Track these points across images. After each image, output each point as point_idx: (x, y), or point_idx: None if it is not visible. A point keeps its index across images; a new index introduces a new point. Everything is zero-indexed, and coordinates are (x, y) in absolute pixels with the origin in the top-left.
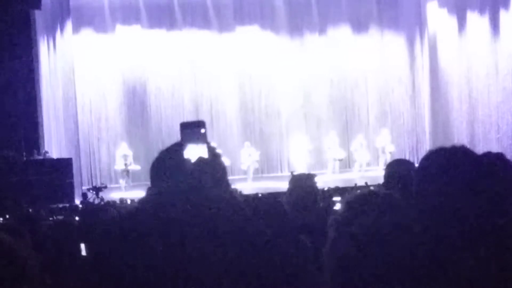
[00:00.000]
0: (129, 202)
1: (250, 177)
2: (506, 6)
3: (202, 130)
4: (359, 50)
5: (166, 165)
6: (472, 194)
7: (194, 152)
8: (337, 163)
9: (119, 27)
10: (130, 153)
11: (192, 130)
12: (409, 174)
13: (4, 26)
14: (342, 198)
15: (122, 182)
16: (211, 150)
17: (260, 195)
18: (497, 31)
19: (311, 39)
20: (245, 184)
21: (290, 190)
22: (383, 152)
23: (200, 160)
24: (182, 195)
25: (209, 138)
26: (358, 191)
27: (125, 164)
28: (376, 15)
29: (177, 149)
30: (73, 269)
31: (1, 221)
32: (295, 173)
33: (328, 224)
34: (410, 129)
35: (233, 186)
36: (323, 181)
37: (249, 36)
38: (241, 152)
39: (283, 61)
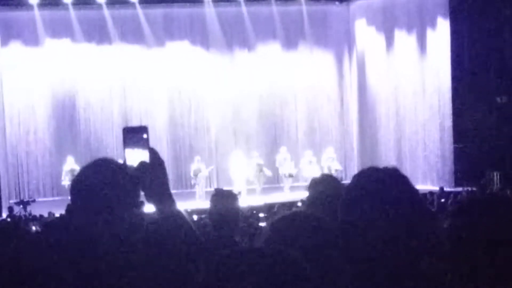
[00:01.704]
0: (57, 215)
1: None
2: (433, 25)
3: (145, 135)
4: (289, 67)
5: (85, 183)
6: (398, 217)
7: (136, 157)
8: (289, 179)
9: (48, 40)
10: (77, 167)
11: (135, 135)
12: (336, 192)
13: None
14: (268, 216)
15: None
16: (154, 155)
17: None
18: (424, 50)
19: (241, 55)
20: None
21: (212, 207)
22: (329, 170)
23: (142, 164)
24: (95, 216)
25: None
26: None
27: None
28: (306, 32)
29: (101, 165)
30: None
31: None
32: (217, 190)
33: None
34: (338, 145)
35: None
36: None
37: (179, 51)
38: (191, 167)
39: (213, 77)
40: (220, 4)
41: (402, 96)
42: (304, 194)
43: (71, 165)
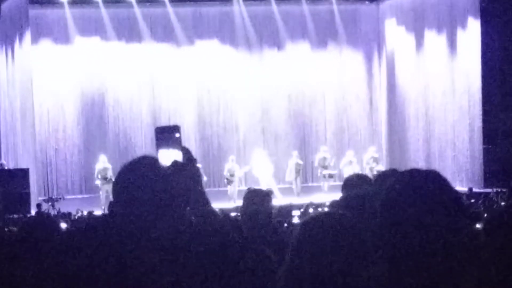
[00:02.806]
0: (85, 213)
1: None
2: (463, 25)
3: (177, 135)
4: (318, 66)
5: (130, 180)
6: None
7: (168, 156)
8: (330, 180)
9: (78, 38)
10: (109, 166)
11: (167, 134)
12: (368, 193)
13: None
14: (301, 216)
15: (102, 196)
16: (187, 154)
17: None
18: (454, 50)
19: (270, 54)
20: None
21: (244, 206)
22: (371, 170)
23: (175, 163)
24: (143, 215)
25: None
26: (312, 210)
27: (105, 178)
28: (335, 32)
29: (144, 162)
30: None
31: None
32: (251, 189)
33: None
34: (367, 145)
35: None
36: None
37: (209, 50)
38: (225, 166)
39: (242, 76)
40: (250, 3)
41: (431, 96)
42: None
43: (103, 164)
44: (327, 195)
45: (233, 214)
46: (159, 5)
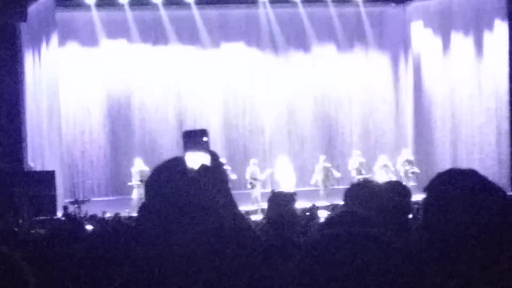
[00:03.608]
0: (110, 215)
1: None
2: (490, 27)
3: (205, 138)
4: (344, 69)
5: (164, 181)
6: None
7: (196, 160)
8: None
9: (104, 41)
10: (146, 168)
11: (195, 138)
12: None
13: None
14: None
15: (135, 199)
16: (215, 158)
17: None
18: (481, 52)
19: (296, 57)
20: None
21: (269, 208)
22: (406, 174)
23: (203, 167)
24: (178, 216)
25: None
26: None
27: (141, 181)
28: (361, 34)
29: (176, 164)
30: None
31: None
32: (275, 191)
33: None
34: (393, 148)
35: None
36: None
37: (234, 53)
38: (247, 170)
39: (268, 78)
40: (276, 5)
41: (458, 99)
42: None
43: (140, 167)
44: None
45: (256, 217)
46: (185, 8)
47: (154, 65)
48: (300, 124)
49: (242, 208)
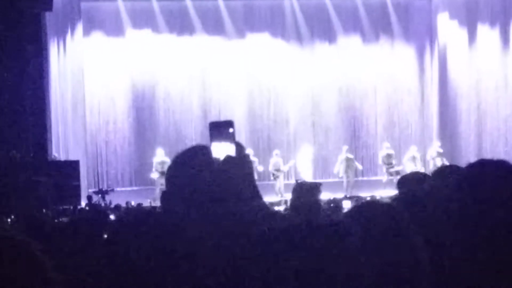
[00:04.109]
0: (134, 205)
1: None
2: None
3: (231, 130)
4: (369, 60)
5: (186, 169)
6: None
7: (222, 150)
8: (395, 176)
9: (130, 31)
10: (167, 159)
11: (221, 129)
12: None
13: (15, 28)
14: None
15: (157, 189)
16: (240, 148)
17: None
18: (507, 44)
19: (321, 48)
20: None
21: (294, 199)
22: (435, 166)
23: (228, 157)
24: (200, 205)
25: None
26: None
27: (162, 172)
28: (387, 25)
29: (199, 152)
30: (82, 270)
31: (9, 222)
32: (299, 182)
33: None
34: (418, 140)
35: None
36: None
37: (259, 43)
38: (270, 161)
39: (293, 69)
40: None
41: (483, 90)
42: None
43: (161, 157)
44: (382, 191)
45: (279, 208)
46: None
47: (179, 55)
48: (325, 115)
49: (266, 199)
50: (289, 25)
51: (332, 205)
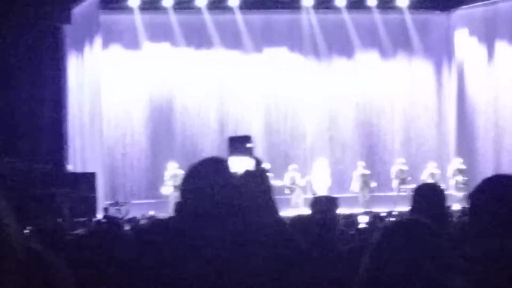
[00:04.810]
0: (148, 216)
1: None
2: None
3: (249, 144)
4: (387, 75)
5: (201, 181)
6: None
7: (240, 164)
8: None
9: (147, 44)
10: (180, 172)
11: (240, 143)
12: (440, 201)
13: (34, 40)
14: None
15: (171, 203)
16: (258, 163)
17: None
18: None
19: (339, 63)
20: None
21: (311, 213)
22: (457, 184)
23: (247, 172)
24: (213, 214)
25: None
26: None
27: (175, 186)
28: (405, 41)
29: (215, 163)
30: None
31: (25, 233)
32: (316, 196)
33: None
34: (435, 156)
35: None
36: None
37: (277, 58)
38: (286, 176)
39: (310, 84)
40: (320, 11)
41: (502, 107)
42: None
43: (173, 171)
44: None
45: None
46: (229, 12)
47: (197, 69)
48: (342, 130)
49: (283, 213)
50: (306, 40)
51: (347, 219)
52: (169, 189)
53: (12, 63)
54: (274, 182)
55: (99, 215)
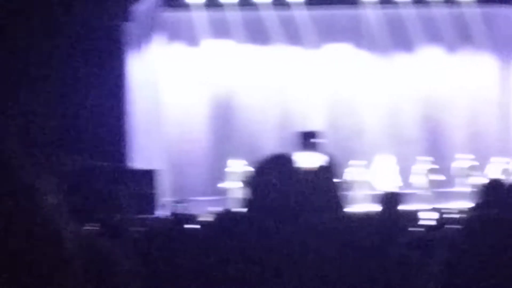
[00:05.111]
0: (211, 215)
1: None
2: None
3: (317, 140)
4: (450, 70)
5: (271, 177)
6: None
7: (309, 160)
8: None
9: (208, 41)
10: (244, 169)
11: (310, 139)
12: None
13: (95, 38)
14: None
15: (232, 199)
16: (331, 159)
17: None
18: None
19: (401, 58)
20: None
21: (378, 208)
22: None
23: (320, 167)
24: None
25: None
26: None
27: (238, 183)
28: (469, 35)
29: (283, 159)
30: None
31: (86, 229)
32: (381, 193)
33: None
34: (500, 151)
35: None
36: None
37: (338, 54)
38: (347, 171)
39: (372, 80)
40: (382, 6)
41: None
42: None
43: (236, 167)
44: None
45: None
46: (289, 8)
47: (258, 65)
48: (404, 126)
49: (350, 209)
50: (368, 35)
51: (411, 215)
52: (233, 186)
53: (75, 61)
54: (344, 177)
55: (160, 212)
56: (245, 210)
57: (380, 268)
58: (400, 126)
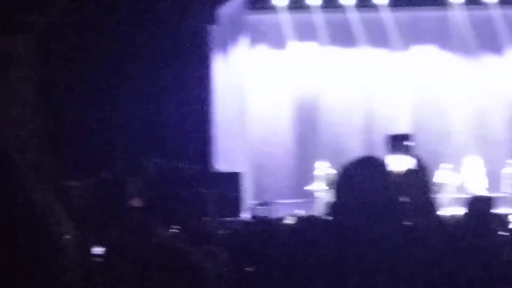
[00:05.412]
0: (296, 218)
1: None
2: None
3: (409, 143)
4: None
5: (359, 179)
6: None
7: (399, 163)
8: None
9: (293, 43)
10: (331, 171)
11: (400, 142)
12: None
13: (179, 41)
14: None
15: (319, 203)
16: (421, 162)
17: None
18: None
19: (489, 60)
20: None
21: (466, 212)
22: None
23: (410, 170)
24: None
25: None
26: None
27: (325, 186)
28: None
29: (372, 162)
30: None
31: (171, 232)
32: (471, 196)
33: None
34: None
35: None
36: None
37: (424, 56)
38: (437, 174)
39: (459, 82)
40: (469, 7)
41: None
42: None
43: (323, 170)
44: None
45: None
46: (375, 10)
47: (343, 67)
48: (492, 128)
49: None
50: (455, 37)
51: (503, 219)
52: (319, 188)
53: (159, 64)
54: (435, 181)
55: (245, 215)
56: (331, 212)
57: (468, 270)
58: (489, 128)
